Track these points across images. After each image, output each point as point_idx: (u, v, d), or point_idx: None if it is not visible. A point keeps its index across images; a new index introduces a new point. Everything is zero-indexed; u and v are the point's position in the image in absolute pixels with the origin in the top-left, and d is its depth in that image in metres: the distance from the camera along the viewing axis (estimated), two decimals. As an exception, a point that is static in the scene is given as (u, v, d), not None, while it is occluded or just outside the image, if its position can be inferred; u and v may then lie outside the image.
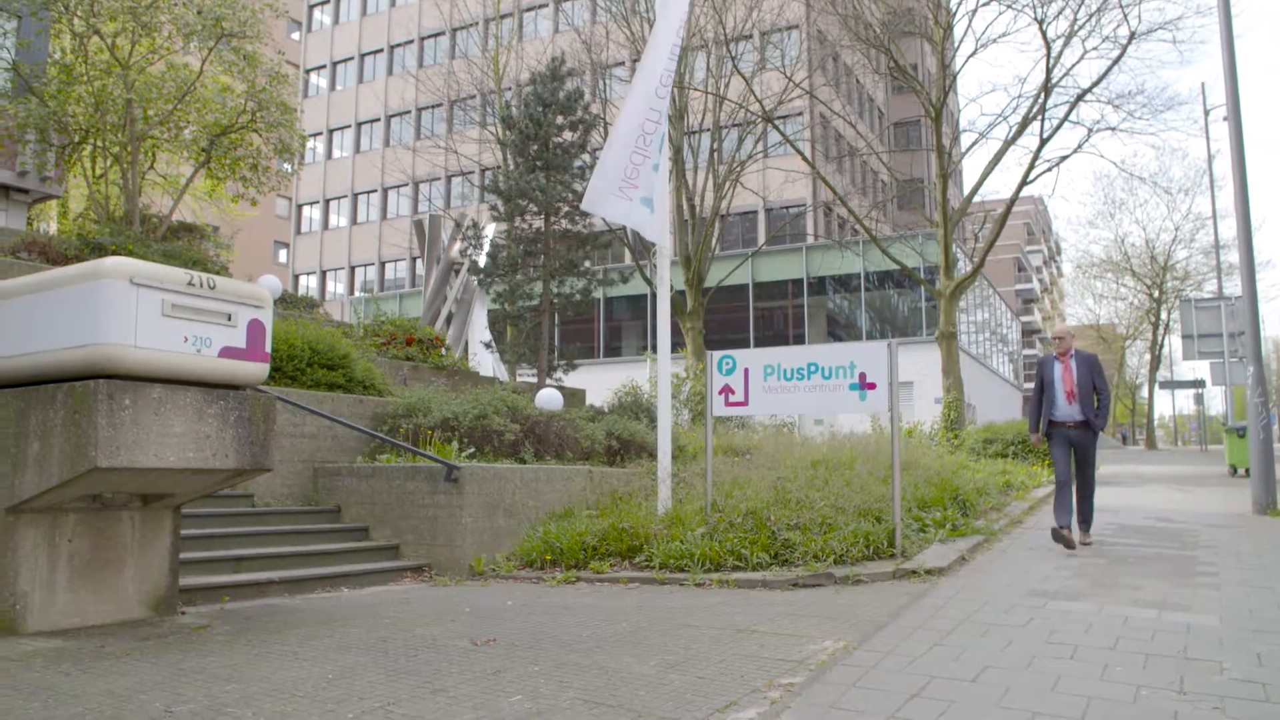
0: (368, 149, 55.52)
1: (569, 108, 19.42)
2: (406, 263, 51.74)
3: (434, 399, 10.78)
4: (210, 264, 14.31)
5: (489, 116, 33.56)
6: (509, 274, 18.88)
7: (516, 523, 9.34)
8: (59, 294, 5.66)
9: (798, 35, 35.58)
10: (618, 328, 41.14)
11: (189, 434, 5.72)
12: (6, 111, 15.06)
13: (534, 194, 18.29)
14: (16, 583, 5.74)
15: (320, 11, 60.10)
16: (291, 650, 5.34)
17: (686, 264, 25.90)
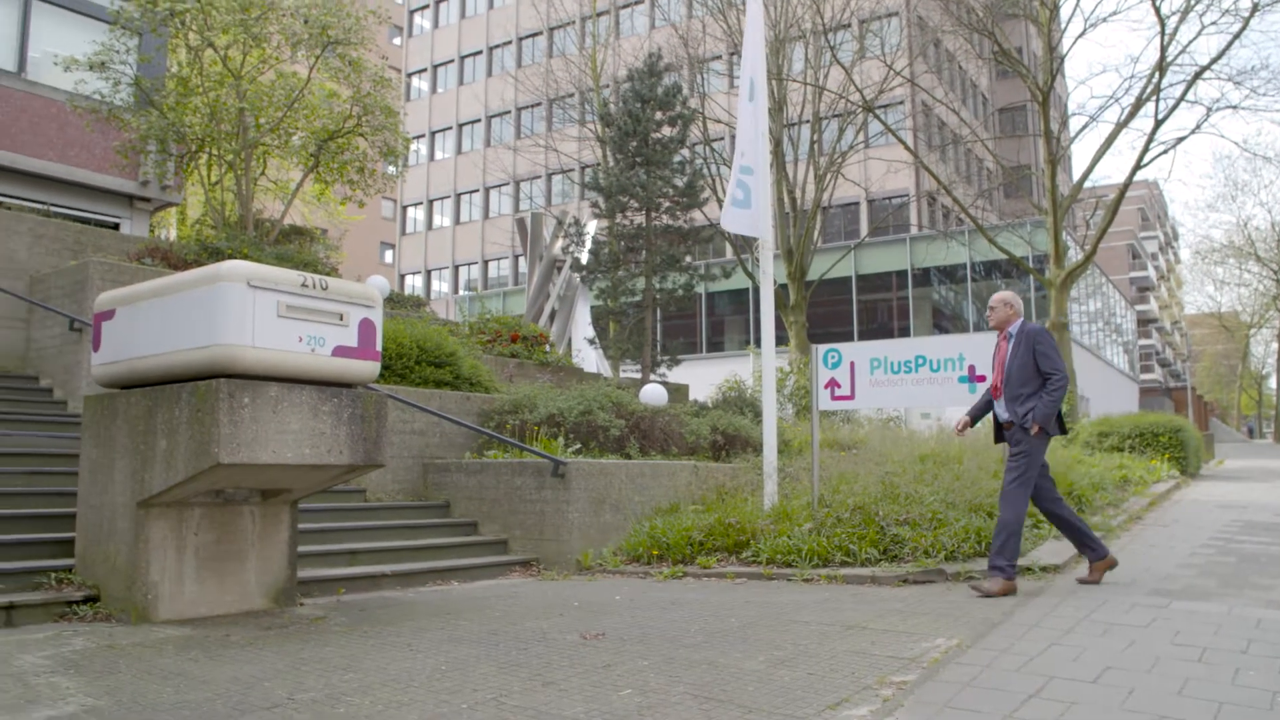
0: (469, 149, 56.38)
1: (667, 103, 19.44)
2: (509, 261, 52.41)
3: (539, 395, 10.90)
4: (320, 266, 14.71)
5: (588, 114, 33.78)
6: (611, 270, 18.99)
7: (622, 518, 9.39)
8: (182, 297, 5.89)
9: (897, 22, 34.96)
10: (720, 322, 41.02)
11: (305, 431, 5.90)
12: (130, 124, 15.69)
13: (634, 190, 18.36)
14: (148, 573, 6.00)
15: (420, 16, 61.21)
16: (405, 642, 5.46)
17: (789, 257, 25.69)
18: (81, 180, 17.12)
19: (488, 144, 54.77)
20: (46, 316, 11.03)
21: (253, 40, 15.70)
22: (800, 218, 26.45)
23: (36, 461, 8.48)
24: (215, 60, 16.39)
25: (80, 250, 12.07)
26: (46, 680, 4.46)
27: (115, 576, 6.15)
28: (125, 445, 6.18)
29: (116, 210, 17.86)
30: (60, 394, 10.61)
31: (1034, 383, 6.88)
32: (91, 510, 6.43)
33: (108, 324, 6.42)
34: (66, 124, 16.80)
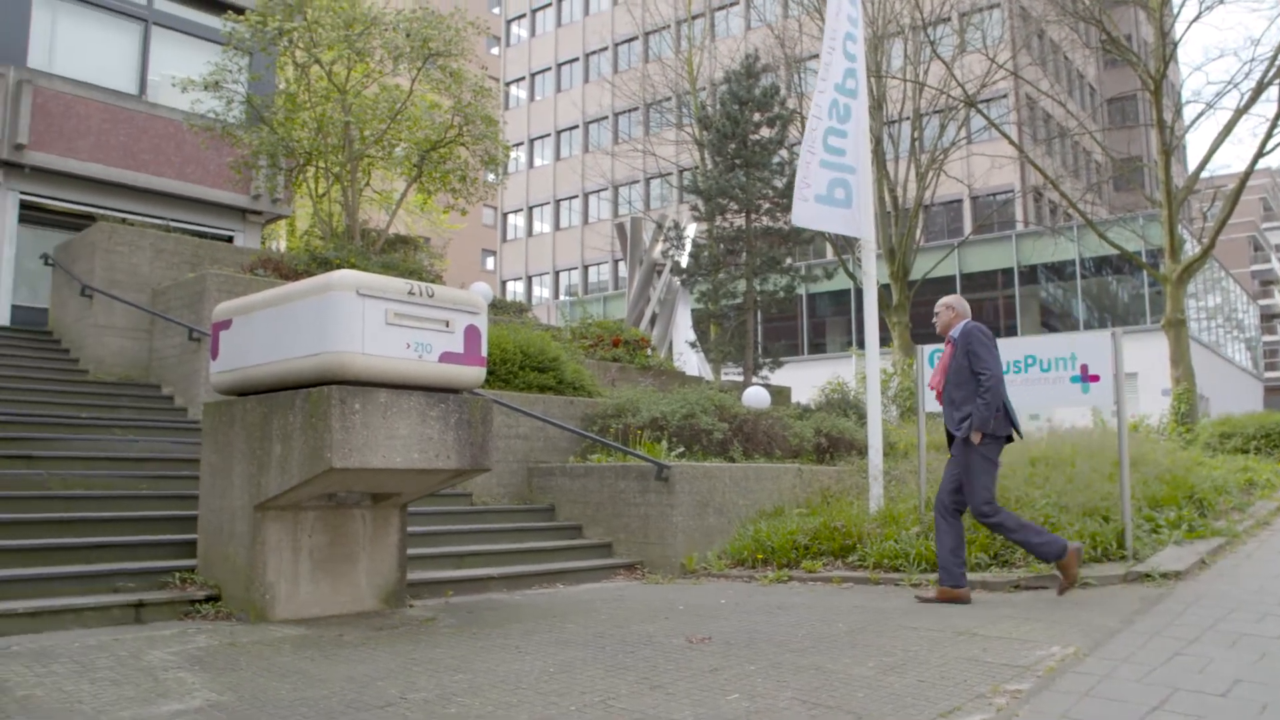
0: (567, 155, 56.92)
1: (765, 104, 19.33)
2: (609, 265, 52.74)
3: (642, 399, 10.93)
4: (425, 274, 15.00)
5: (685, 117, 33.79)
6: (711, 273, 18.95)
7: (727, 521, 9.36)
8: (294, 307, 6.06)
9: (999, 14, 34.18)
10: (821, 324, 40.62)
11: (413, 436, 6.01)
12: (242, 141, 16.24)
13: (734, 192, 18.30)
14: (265, 574, 6.19)
15: (517, 26, 62.03)
16: (513, 644, 5.52)
17: (890, 257, 25.32)
18: (198, 196, 17.78)
19: (586, 150, 55.21)
20: (167, 327, 11.47)
21: (356, 55, 16.09)
22: (902, 216, 26.04)
23: (160, 466, 8.83)
24: (321, 76, 16.84)
25: (198, 263, 12.53)
26: (174, 675, 4.63)
27: (235, 577, 6.37)
28: (242, 450, 6.38)
29: (230, 223, 18.50)
30: (181, 401, 11.03)
31: (969, 386, 6.70)
32: (212, 513, 6.66)
33: (225, 333, 6.64)
34: (183, 142, 17.46)
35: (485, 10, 60.62)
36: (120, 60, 17.70)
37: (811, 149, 9.51)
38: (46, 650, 5.16)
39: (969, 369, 6.72)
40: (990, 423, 6.60)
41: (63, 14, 17.11)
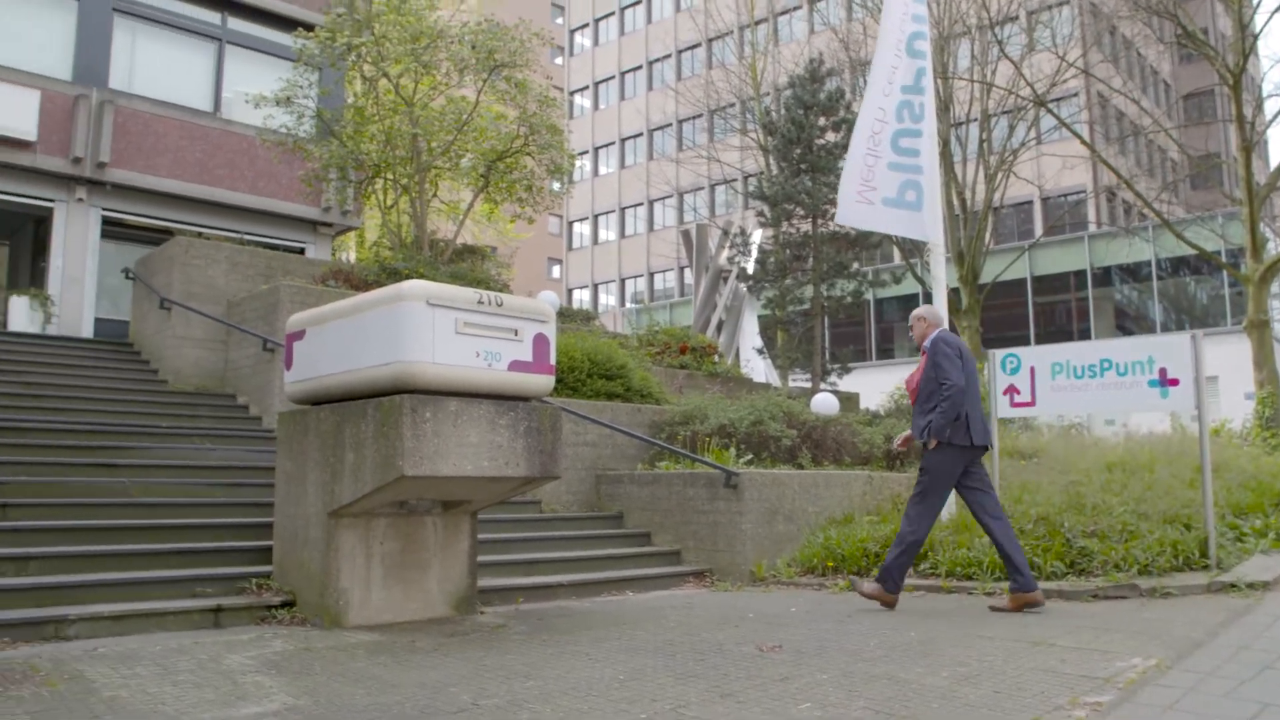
0: (632, 164, 57.09)
1: (830, 108, 19.21)
2: (674, 272, 52.76)
3: (709, 406, 10.91)
4: (492, 283, 15.14)
5: (749, 123, 33.70)
6: (778, 279, 18.87)
7: (796, 528, 9.30)
8: (366, 317, 6.15)
9: (1069, 11, 33.56)
10: (889, 329, 40.20)
11: (483, 444, 6.06)
12: (312, 154, 16.56)
13: (800, 197, 18.21)
14: (339, 580, 6.29)
15: (581, 35, 62.40)
16: (584, 651, 5.53)
17: (959, 260, 24.97)
18: (270, 209, 18.16)
19: (650, 157, 55.34)
20: (242, 338, 11.72)
21: (423, 68, 16.31)
22: (971, 219, 25.67)
23: (237, 474, 9.02)
24: (389, 89, 17.10)
25: (271, 275, 12.78)
26: (252, 679, 4.72)
27: (309, 583, 6.47)
28: (316, 459, 6.49)
29: (302, 236, 18.86)
30: (255, 410, 11.25)
31: (937, 396, 6.79)
32: (287, 520, 6.78)
33: (298, 344, 6.77)
34: (256, 157, 17.85)
35: (548, 21, 61.14)
36: (196, 79, 18.17)
37: (875, 151, 9.39)
38: (131, 653, 5.29)
39: (936, 379, 6.83)
40: (946, 430, 6.72)
41: (141, 36, 17.60)
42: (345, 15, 16.09)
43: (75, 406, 10.22)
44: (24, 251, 18.13)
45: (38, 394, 10.35)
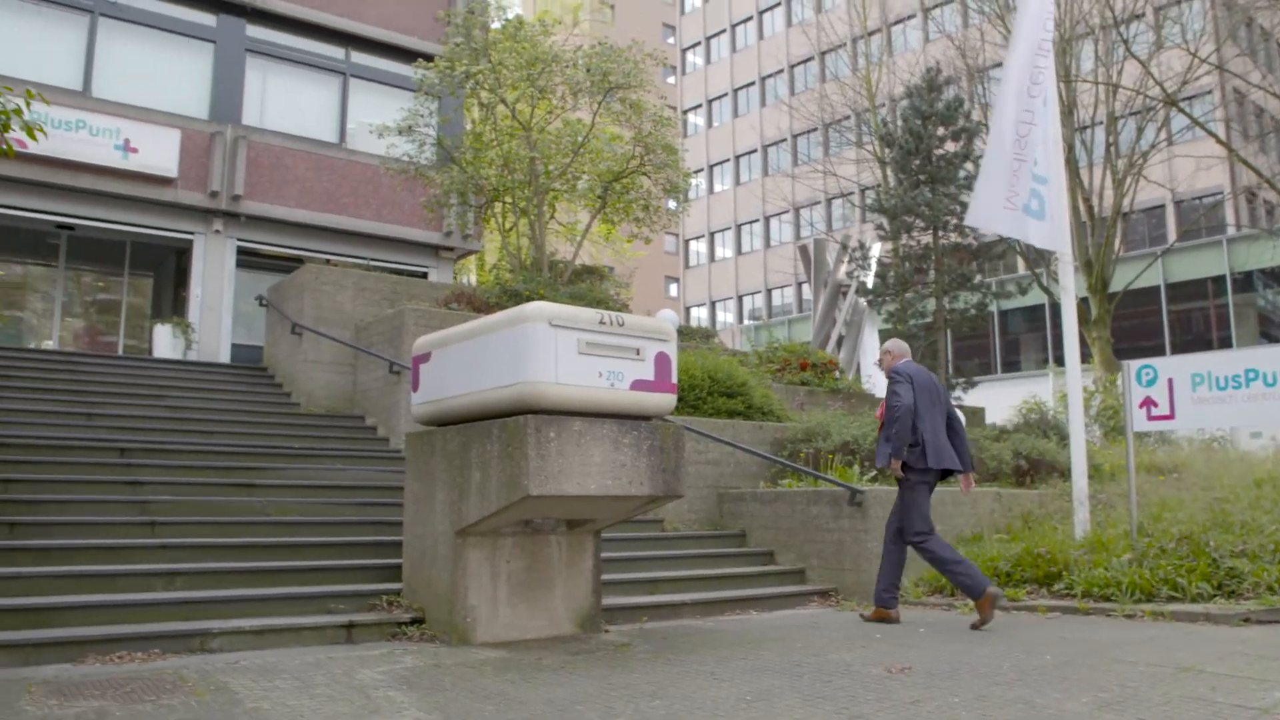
0: (747, 180, 56.97)
1: (949, 118, 18.84)
2: (792, 288, 52.38)
3: (832, 423, 10.78)
4: (611, 303, 15.26)
5: (865, 135, 33.29)
6: (898, 292, 18.55)
7: (921, 547, 9.08)
8: (490, 339, 6.26)
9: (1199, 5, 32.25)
10: (1014, 341, 39.11)
11: (607, 463, 6.10)
12: (434, 181, 17.00)
13: (920, 209, 17.88)
14: (467, 598, 6.39)
15: (693, 54, 62.64)
16: (709, 670, 5.49)
17: (1088, 269, 24.16)
18: (394, 235, 18.69)
19: (765, 173, 55.14)
20: (370, 361, 12.06)
21: (539, 93, 16.59)
22: (1099, 226, 24.82)
23: (366, 494, 9.27)
24: (506, 115, 17.44)
25: (395, 299, 13.13)
26: (384, 694, 4.82)
27: (437, 600, 6.59)
28: (443, 478, 6.62)
29: (424, 260, 19.35)
30: (383, 431, 11.55)
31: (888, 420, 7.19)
32: (415, 539, 6.93)
33: (424, 366, 6.92)
34: (380, 185, 18.41)
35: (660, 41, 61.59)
36: (322, 112, 18.86)
37: (1021, 155, 9.15)
38: (270, 666, 5.47)
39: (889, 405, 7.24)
40: (903, 451, 7.09)
41: (271, 73, 18.37)
42: (463, 44, 16.50)
43: (215, 429, 10.65)
44: (167, 282, 19.06)
45: (181, 417, 10.82)
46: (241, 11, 17.81)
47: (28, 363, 12.24)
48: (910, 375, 7.28)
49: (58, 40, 16.41)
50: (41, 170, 15.07)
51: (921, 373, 7.43)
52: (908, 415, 7.04)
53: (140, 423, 10.35)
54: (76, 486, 8.12)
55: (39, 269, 18.76)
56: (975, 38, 28.66)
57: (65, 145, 15.14)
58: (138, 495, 8.11)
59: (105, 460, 8.81)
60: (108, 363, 13.41)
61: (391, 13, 19.42)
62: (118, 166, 15.94)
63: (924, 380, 7.34)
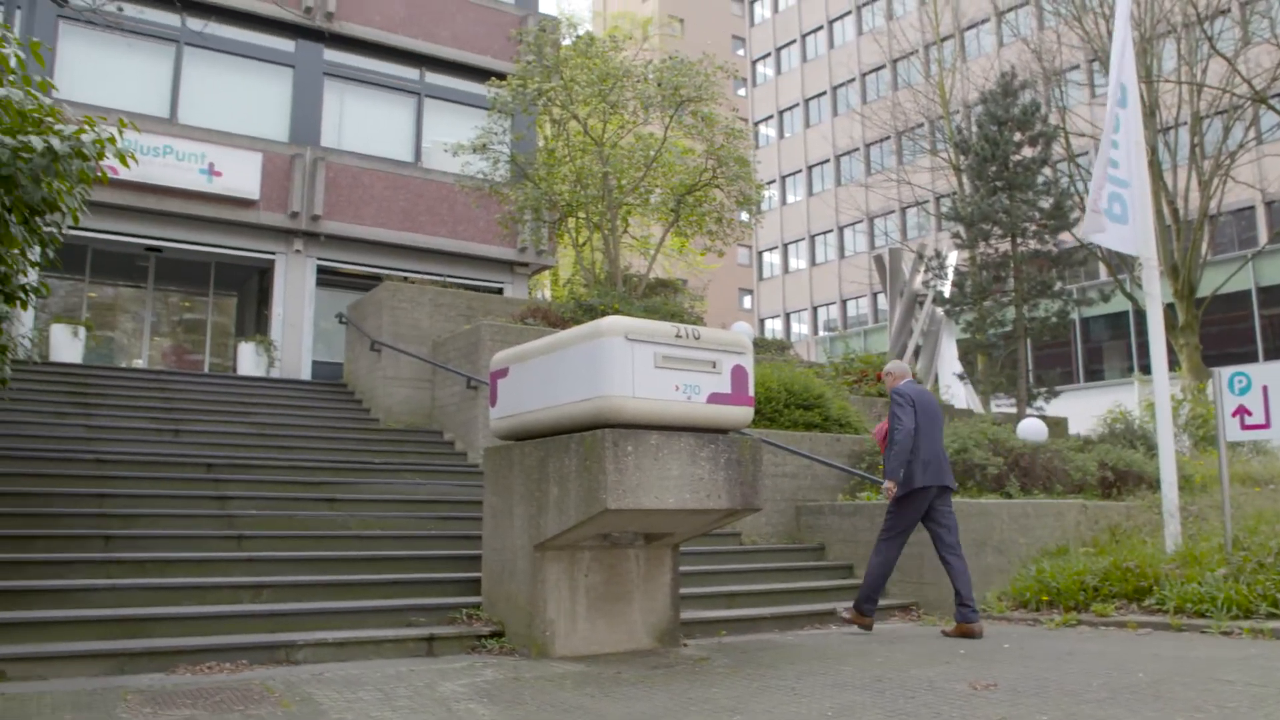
0: (819, 190, 56.58)
1: (1025, 123, 18.49)
2: (867, 299, 51.84)
3: (909, 434, 10.62)
4: (686, 316, 15.25)
5: (939, 142, 32.86)
6: (976, 301, 18.23)
7: (1005, 560, 8.91)
8: (566, 353, 6.29)
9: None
10: (1096, 349, 38.20)
11: (684, 477, 6.08)
12: (508, 198, 17.18)
13: (997, 216, 17.57)
14: (546, 611, 6.41)
15: (763, 65, 62.48)
16: (789, 685, 5.44)
17: (1173, 274, 23.51)
18: (469, 252, 18.92)
19: (838, 183, 54.71)
20: (447, 376, 12.20)
21: (610, 108, 16.69)
22: (1185, 229, 24.16)
23: (445, 508, 9.37)
24: (578, 130, 17.57)
25: (471, 315, 13.28)
26: (465, 706, 4.85)
27: (516, 614, 6.63)
28: (521, 493, 6.67)
29: (499, 276, 19.56)
30: (460, 446, 11.67)
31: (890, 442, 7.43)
32: (494, 552, 6.98)
33: (502, 381, 6.98)
34: (455, 203, 18.66)
35: (730, 53, 61.57)
36: (398, 132, 19.20)
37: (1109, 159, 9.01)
38: (353, 678, 5.55)
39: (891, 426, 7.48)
40: (899, 472, 7.32)
41: (349, 96, 18.76)
42: (535, 62, 16.68)
43: (298, 445, 10.87)
44: (250, 301, 19.53)
45: (265, 433, 11.06)
46: (319, 36, 18.22)
47: (120, 381, 12.62)
48: (912, 398, 7.50)
49: (146, 70, 16.96)
50: (132, 195, 15.55)
51: (922, 394, 7.67)
52: (908, 439, 7.29)
53: (226, 439, 10.61)
54: (167, 501, 8.35)
55: (129, 290, 19.35)
56: (1051, 40, 28.14)
57: (153, 170, 15.61)
58: (225, 510, 8.31)
59: (194, 475, 9.05)
60: (194, 380, 13.79)
61: (465, 33, 19.71)
62: (203, 190, 16.39)
63: (924, 402, 7.56)
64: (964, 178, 22.15)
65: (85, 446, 9.39)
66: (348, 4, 18.19)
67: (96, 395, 11.49)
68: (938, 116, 32.85)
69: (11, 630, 5.87)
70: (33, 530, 7.29)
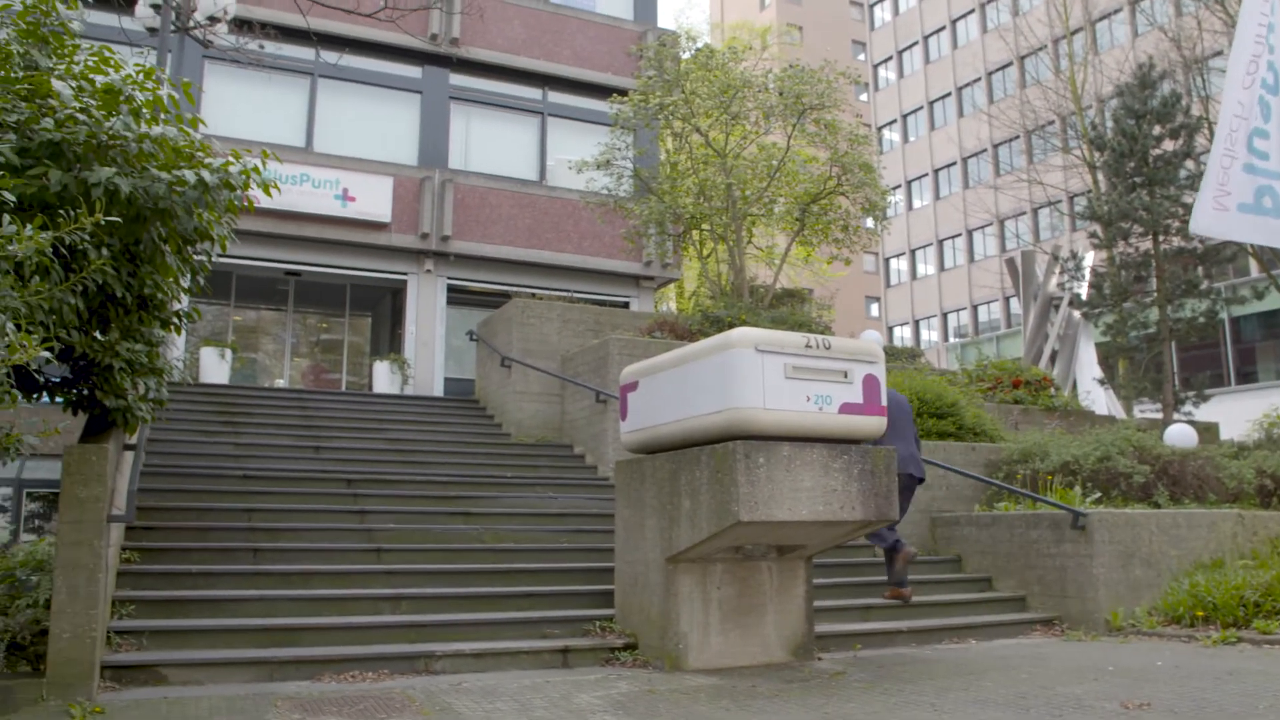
0: (946, 194, 55.39)
1: (1165, 115, 17.74)
2: (999, 303, 50.45)
3: (1050, 442, 10.29)
4: (813, 325, 15.09)
5: (1071, 139, 31.79)
6: (1116, 303, 17.54)
7: (1155, 573, 8.52)
8: (696, 366, 6.29)
9: None
10: (1248, 350, 36.31)
11: (817, 488, 6.01)
12: (632, 212, 17.30)
13: (1137, 214, 16.88)
14: (678, 624, 6.41)
15: (885, 69, 61.56)
16: (929, 701, 5.31)
17: (1333, 268, 22.20)
18: (594, 267, 19.10)
19: (966, 185, 53.47)
20: (576, 391, 12.32)
21: (732, 119, 16.66)
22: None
23: (577, 521, 9.46)
24: (700, 143, 17.59)
25: (599, 329, 13.39)
26: (600, 718, 4.87)
27: (649, 626, 6.64)
28: (653, 505, 6.68)
29: (625, 290, 19.68)
30: (591, 459, 11.77)
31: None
32: (626, 565, 7.01)
33: (632, 395, 7.01)
34: (580, 219, 18.88)
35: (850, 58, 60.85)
36: (522, 151, 19.54)
37: (1231, 151, 8.54)
38: (490, 688, 5.64)
39: None
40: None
41: (474, 118, 19.19)
42: (655, 77, 16.78)
43: (433, 460, 11.12)
44: (384, 321, 20.12)
45: (401, 449, 11.35)
46: (446, 62, 18.69)
47: (263, 400, 13.15)
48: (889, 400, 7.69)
49: (284, 102, 17.67)
50: (272, 222, 16.19)
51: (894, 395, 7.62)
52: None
53: (364, 454, 10.93)
54: (310, 515, 8.64)
55: (270, 313, 20.16)
56: (1191, 26, 26.95)
57: (291, 198, 16.21)
58: (364, 523, 8.56)
59: (334, 490, 9.34)
60: (332, 398, 14.26)
61: (586, 51, 19.95)
62: (337, 215, 16.97)
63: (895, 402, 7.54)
64: (1099, 175, 21.35)
65: (233, 464, 9.80)
66: (472, 29, 18.61)
67: (242, 414, 11.98)
68: (1069, 112, 31.79)
69: (171, 637, 6.18)
70: (188, 543, 7.65)
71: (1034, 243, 42.81)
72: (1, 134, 4.70)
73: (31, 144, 4.83)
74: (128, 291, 5.60)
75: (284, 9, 14.50)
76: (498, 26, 19.07)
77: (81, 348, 5.37)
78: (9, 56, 5.05)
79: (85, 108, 5.03)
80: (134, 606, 6.44)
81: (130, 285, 5.62)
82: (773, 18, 59.26)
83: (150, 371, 6.23)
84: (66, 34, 5.50)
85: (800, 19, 63.56)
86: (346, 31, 15.99)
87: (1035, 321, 19.97)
